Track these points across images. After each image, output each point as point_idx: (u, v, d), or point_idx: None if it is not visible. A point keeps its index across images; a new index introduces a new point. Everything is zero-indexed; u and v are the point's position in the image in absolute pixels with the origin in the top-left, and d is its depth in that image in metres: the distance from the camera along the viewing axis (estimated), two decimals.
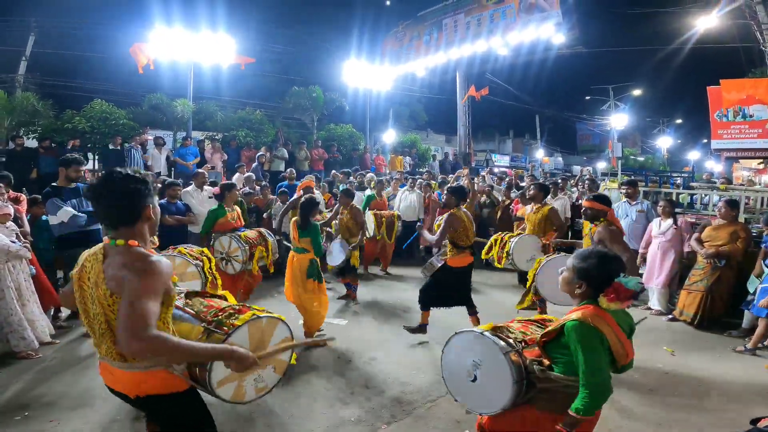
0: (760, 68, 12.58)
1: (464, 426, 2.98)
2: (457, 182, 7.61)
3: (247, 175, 8.19)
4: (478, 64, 15.50)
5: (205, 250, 4.01)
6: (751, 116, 11.35)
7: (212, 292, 2.45)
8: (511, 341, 2.01)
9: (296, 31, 22.73)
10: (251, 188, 7.23)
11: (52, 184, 4.38)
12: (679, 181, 13.17)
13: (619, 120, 28.26)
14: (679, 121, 35.98)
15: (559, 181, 8.77)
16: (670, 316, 5.26)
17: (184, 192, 6.09)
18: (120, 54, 13.68)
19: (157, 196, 1.96)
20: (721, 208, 5.12)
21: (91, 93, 14.39)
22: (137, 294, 1.52)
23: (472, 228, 4.37)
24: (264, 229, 5.25)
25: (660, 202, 5.83)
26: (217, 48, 12.44)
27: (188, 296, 2.28)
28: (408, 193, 8.08)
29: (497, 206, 7.89)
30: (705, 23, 12.60)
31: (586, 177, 9.82)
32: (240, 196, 5.84)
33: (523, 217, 5.70)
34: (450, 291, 4.34)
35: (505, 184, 8.88)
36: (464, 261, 4.30)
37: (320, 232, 4.42)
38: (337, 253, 5.60)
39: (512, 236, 4.99)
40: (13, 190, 5.21)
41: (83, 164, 4.44)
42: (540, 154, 33.53)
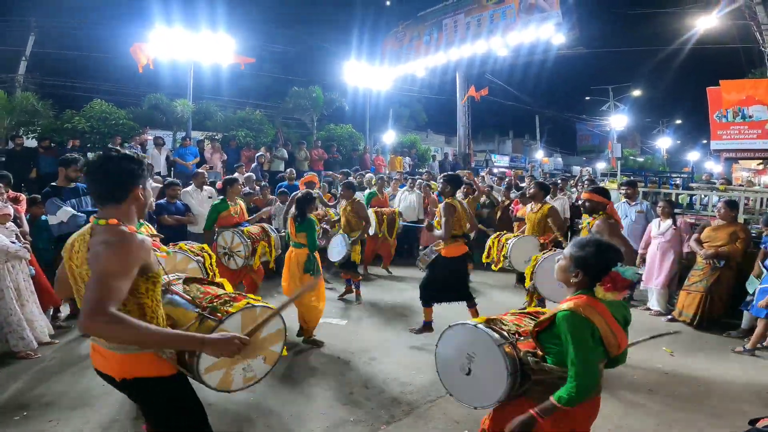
0: (760, 69, 12.58)
1: (463, 426, 2.99)
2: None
3: (247, 175, 8.18)
4: (477, 64, 15.50)
5: (206, 246, 4.02)
6: (750, 117, 11.34)
7: (210, 280, 2.43)
8: (505, 333, 1.99)
9: (296, 31, 22.73)
10: (251, 188, 7.24)
11: (52, 183, 4.39)
12: (678, 182, 13.22)
13: (618, 120, 28.29)
14: (678, 121, 36.09)
15: (559, 181, 8.79)
16: (669, 317, 5.27)
17: (184, 192, 6.09)
18: (120, 54, 13.69)
19: (151, 179, 1.97)
20: (720, 209, 5.13)
21: (91, 93, 14.43)
22: (103, 270, 1.51)
23: (466, 217, 4.36)
24: (267, 225, 5.26)
25: (659, 203, 5.84)
26: (216, 48, 12.43)
27: (186, 282, 2.27)
28: (407, 193, 8.08)
29: (497, 206, 7.89)
30: (705, 24, 12.60)
31: (585, 177, 9.84)
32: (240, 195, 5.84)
33: (523, 218, 5.70)
34: (449, 285, 4.33)
35: (505, 185, 8.89)
36: (458, 250, 4.28)
37: (316, 228, 4.40)
38: (337, 248, 5.57)
39: (509, 238, 4.98)
40: (13, 189, 5.21)
41: None
42: (539, 154, 33.56)
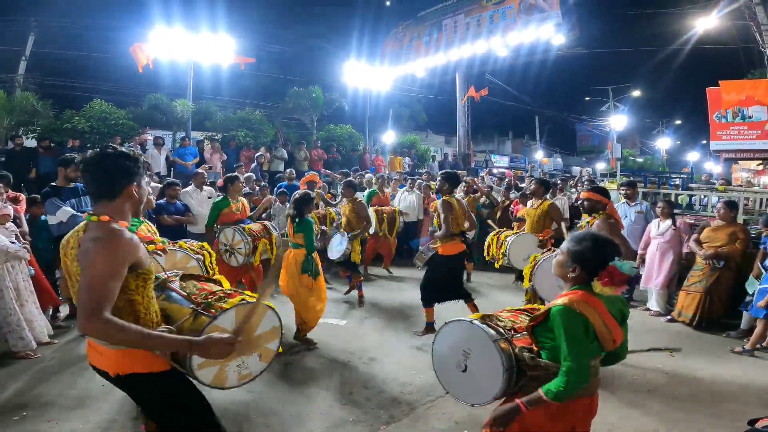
0: (760, 69, 12.59)
1: (463, 426, 2.99)
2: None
3: (247, 175, 8.17)
4: (477, 64, 15.52)
5: (205, 244, 4.02)
6: (750, 117, 11.36)
7: (208, 277, 2.43)
8: (501, 329, 1.99)
9: (296, 31, 22.76)
10: (251, 188, 7.24)
11: (51, 183, 4.39)
12: (678, 182, 13.22)
13: (618, 121, 28.28)
14: (678, 122, 36.06)
15: (558, 182, 8.78)
16: (668, 317, 5.27)
17: (183, 192, 6.09)
18: (120, 54, 13.70)
19: (147, 177, 1.99)
20: (719, 210, 5.13)
21: (91, 93, 14.44)
22: (93, 270, 1.53)
23: (464, 215, 4.34)
24: (269, 223, 5.26)
25: (659, 203, 5.85)
26: (216, 48, 12.43)
27: (183, 279, 2.26)
28: (407, 193, 8.07)
29: (496, 207, 7.89)
30: (704, 24, 12.60)
31: (585, 178, 9.84)
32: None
33: (523, 218, 5.69)
34: (446, 283, 4.33)
35: (504, 185, 8.89)
36: (455, 249, 4.26)
37: (314, 230, 4.39)
38: (337, 246, 5.55)
39: (508, 235, 4.97)
40: (12, 189, 5.21)
41: None
42: (539, 154, 33.51)
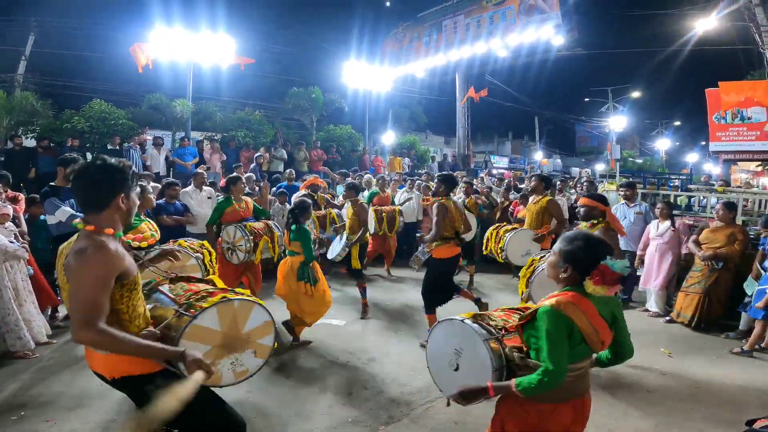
0: (759, 70, 12.61)
1: (462, 427, 2.99)
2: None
3: (247, 175, 8.17)
4: (477, 65, 15.53)
5: (206, 243, 4.01)
6: (749, 119, 11.37)
7: (201, 278, 2.39)
8: (492, 329, 2.00)
9: (296, 31, 22.77)
10: (251, 189, 7.23)
11: (51, 183, 4.37)
12: (677, 183, 13.23)
13: (617, 122, 28.32)
14: (677, 123, 36.14)
15: (558, 182, 8.78)
16: (667, 318, 5.27)
17: (183, 192, 6.08)
18: (119, 54, 13.68)
19: (138, 188, 2.01)
20: (718, 211, 5.13)
21: (91, 93, 14.43)
22: (80, 283, 1.56)
23: (460, 219, 4.31)
24: (272, 222, 5.24)
25: (658, 204, 5.85)
26: (216, 48, 12.43)
27: (173, 281, 2.25)
28: (407, 194, 8.07)
29: (495, 207, 7.89)
30: (704, 25, 12.62)
31: (584, 179, 9.83)
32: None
33: (523, 219, 5.69)
34: (440, 286, 4.31)
35: (504, 186, 8.88)
36: (450, 252, 4.23)
37: (311, 237, 4.36)
38: (336, 246, 5.53)
39: (508, 230, 4.97)
40: (12, 189, 5.21)
41: None
42: (539, 155, 33.55)
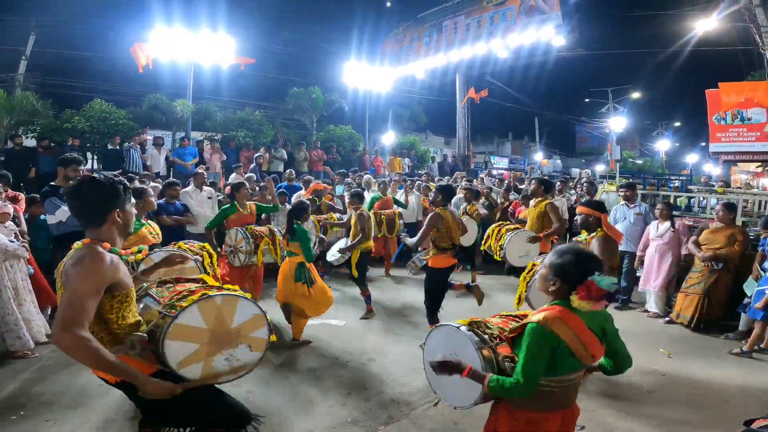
0: (759, 71, 12.61)
1: (461, 427, 2.99)
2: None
3: (247, 175, 8.18)
4: (477, 66, 15.54)
5: (206, 245, 4.02)
6: (749, 119, 11.37)
7: (189, 278, 2.35)
8: (486, 337, 2.00)
9: (296, 31, 22.81)
10: (251, 189, 7.24)
11: (51, 183, 4.38)
12: (677, 184, 13.21)
13: (617, 123, 28.34)
14: (677, 124, 36.17)
15: (558, 183, 8.78)
16: (667, 319, 5.27)
17: (183, 192, 6.09)
18: (120, 54, 13.72)
19: (135, 199, 2.05)
20: (718, 211, 5.13)
21: (91, 93, 14.46)
22: (72, 290, 1.59)
23: (457, 229, 4.26)
24: (274, 226, 5.29)
25: (658, 205, 5.85)
26: (216, 48, 12.45)
27: (160, 284, 2.23)
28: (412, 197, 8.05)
29: (495, 208, 7.89)
30: (704, 26, 12.63)
31: (584, 180, 9.83)
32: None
33: (525, 220, 5.70)
34: (437, 295, 4.31)
35: (504, 186, 8.89)
36: (446, 262, 4.22)
37: (311, 238, 4.38)
38: (335, 250, 5.54)
39: (510, 229, 4.96)
40: (12, 189, 5.21)
41: (82, 164, 4.44)
42: (539, 156, 33.55)
